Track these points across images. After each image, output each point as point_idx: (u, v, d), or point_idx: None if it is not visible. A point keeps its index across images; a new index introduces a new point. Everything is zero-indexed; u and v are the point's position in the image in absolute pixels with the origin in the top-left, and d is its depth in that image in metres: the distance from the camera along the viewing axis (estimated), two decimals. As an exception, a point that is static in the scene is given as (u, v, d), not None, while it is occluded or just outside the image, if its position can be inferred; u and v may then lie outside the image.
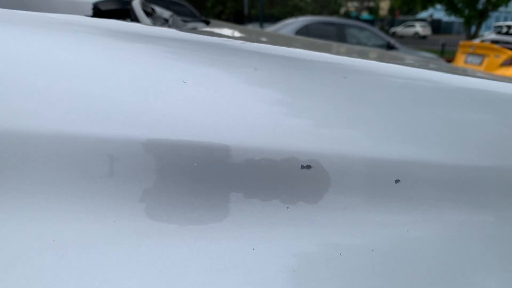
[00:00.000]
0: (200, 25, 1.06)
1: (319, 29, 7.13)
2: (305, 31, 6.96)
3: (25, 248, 0.27)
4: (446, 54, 12.71)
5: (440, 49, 13.44)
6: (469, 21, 13.26)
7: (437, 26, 37.69)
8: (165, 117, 0.31)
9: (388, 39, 7.64)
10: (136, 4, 0.69)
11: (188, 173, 0.31)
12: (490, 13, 13.25)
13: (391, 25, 34.83)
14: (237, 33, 0.99)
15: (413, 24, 33.46)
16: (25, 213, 0.29)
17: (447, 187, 0.35)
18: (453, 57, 6.36)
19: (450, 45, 12.27)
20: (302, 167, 0.32)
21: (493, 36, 5.79)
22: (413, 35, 27.89)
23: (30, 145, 0.29)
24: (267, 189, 0.32)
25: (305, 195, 0.32)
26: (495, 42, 5.36)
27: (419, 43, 14.61)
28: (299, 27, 6.98)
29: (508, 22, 6.48)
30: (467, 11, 13.21)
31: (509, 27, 5.72)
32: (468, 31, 13.67)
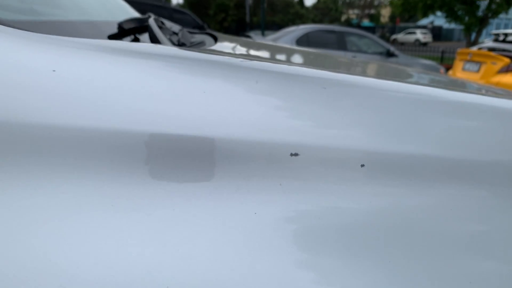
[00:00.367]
0: (207, 39, 1.17)
1: (319, 37, 7.27)
2: (306, 38, 7.10)
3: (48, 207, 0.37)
4: (445, 61, 12.82)
5: (440, 56, 13.58)
6: (469, 28, 13.35)
7: (438, 33, 37.91)
8: (191, 117, 0.42)
9: (388, 46, 7.76)
10: (152, 22, 0.80)
11: (208, 161, 0.41)
12: (490, 20, 13.35)
13: (392, 32, 35.08)
14: (240, 49, 1.10)
15: (414, 31, 33.69)
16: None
17: (389, 170, 0.45)
18: (452, 64, 6.47)
19: (450, 52, 12.39)
20: (291, 155, 0.43)
21: (490, 43, 5.90)
22: (414, 42, 28.10)
23: (90, 140, 0.40)
24: (265, 170, 0.43)
25: (293, 175, 0.43)
26: (492, 49, 5.47)
27: (419, 50, 14.74)
28: (300, 35, 7.13)
29: (505, 30, 6.59)
30: (467, 18, 13.29)
31: (506, 35, 5.84)
32: (468, 38, 13.75)
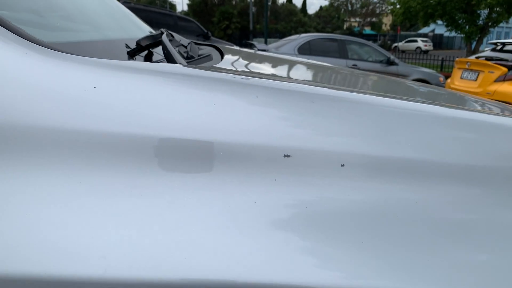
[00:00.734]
0: (213, 52, 1.27)
1: (321, 45, 7.41)
2: (307, 46, 7.24)
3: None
4: (445, 69, 12.91)
5: (440, 64, 13.67)
6: (469, 36, 13.42)
7: (439, 41, 38.10)
8: (202, 124, 0.52)
9: (388, 55, 7.88)
10: (165, 38, 0.90)
11: (217, 160, 0.51)
12: (491, 29, 13.41)
13: (394, 40, 35.30)
14: (243, 62, 1.21)
15: (415, 39, 33.95)
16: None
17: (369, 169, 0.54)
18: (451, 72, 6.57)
19: (450, 60, 12.48)
20: (284, 156, 0.52)
21: (488, 53, 6.01)
22: (415, 50, 28.29)
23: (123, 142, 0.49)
24: (263, 168, 0.52)
25: (286, 172, 0.52)
26: (490, 58, 5.56)
27: (420, 58, 14.82)
28: (302, 43, 7.27)
29: (502, 39, 6.69)
30: (467, 27, 13.37)
31: (503, 44, 5.94)
32: (469, 47, 13.84)
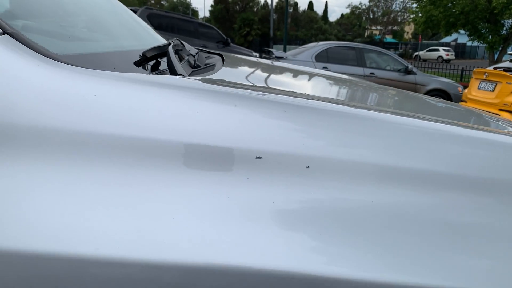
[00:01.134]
0: (218, 61, 1.36)
1: (338, 53, 7.46)
2: (325, 54, 7.30)
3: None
4: (465, 78, 12.65)
5: (459, 74, 13.43)
6: (492, 46, 13.16)
7: (462, 50, 37.33)
8: (203, 129, 0.60)
9: (406, 64, 7.85)
10: (170, 50, 0.98)
11: (199, 162, 0.58)
12: (514, 39, 13.14)
13: (415, 49, 34.85)
14: (239, 73, 1.29)
15: (437, 48, 33.41)
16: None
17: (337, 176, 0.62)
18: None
19: (471, 70, 12.26)
20: (256, 157, 0.60)
21: (507, 63, 5.92)
22: (437, 59, 27.86)
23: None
24: (238, 168, 0.59)
25: (257, 172, 0.60)
26: (508, 69, 5.49)
27: (440, 68, 14.58)
28: (320, 51, 7.34)
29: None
30: (490, 36, 13.10)
31: (523, 55, 5.85)
32: (491, 57, 13.56)
